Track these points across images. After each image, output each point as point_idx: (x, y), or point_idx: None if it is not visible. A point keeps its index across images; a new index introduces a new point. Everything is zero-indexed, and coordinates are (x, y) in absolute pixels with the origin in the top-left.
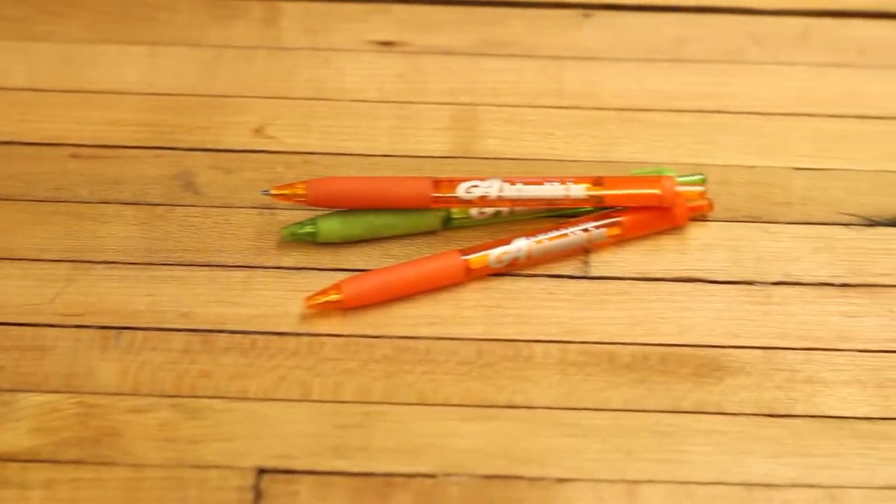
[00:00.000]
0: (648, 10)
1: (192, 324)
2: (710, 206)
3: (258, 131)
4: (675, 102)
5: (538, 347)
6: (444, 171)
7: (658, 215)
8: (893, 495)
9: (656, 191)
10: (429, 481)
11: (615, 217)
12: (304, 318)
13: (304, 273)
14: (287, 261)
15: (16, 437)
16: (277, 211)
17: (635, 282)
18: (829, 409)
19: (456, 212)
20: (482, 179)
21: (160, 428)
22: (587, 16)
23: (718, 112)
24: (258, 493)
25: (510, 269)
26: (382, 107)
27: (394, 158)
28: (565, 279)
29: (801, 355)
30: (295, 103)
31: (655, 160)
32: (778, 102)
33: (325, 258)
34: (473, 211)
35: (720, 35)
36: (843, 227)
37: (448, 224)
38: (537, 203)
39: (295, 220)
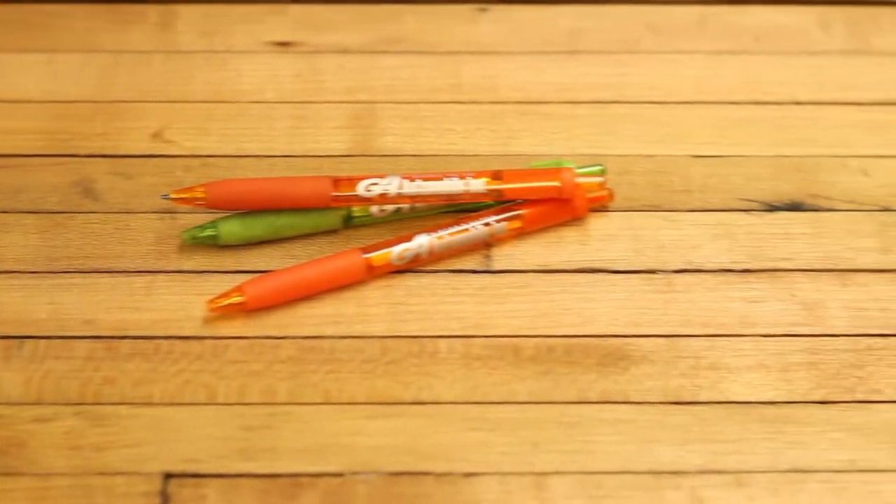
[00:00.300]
0: (544, 2)
1: (95, 331)
2: (611, 196)
3: (157, 136)
4: (573, 94)
5: (442, 343)
6: (344, 169)
7: (558, 207)
8: (799, 478)
9: (556, 183)
10: (336, 480)
11: (516, 210)
12: (208, 321)
13: (206, 276)
14: (189, 264)
15: None
16: (178, 215)
17: (538, 274)
18: (734, 394)
19: (356, 210)
20: (381, 177)
21: (66, 436)
22: (483, 10)
23: (616, 102)
24: (165, 497)
25: (412, 266)
26: (280, 107)
27: (293, 159)
28: (468, 274)
29: (705, 342)
30: (193, 106)
31: (555, 152)
32: (675, 91)
33: (227, 261)
34: (374, 209)
35: (616, 25)
36: (742, 213)
37: (349, 223)
38: (437, 199)
39: (196, 223)
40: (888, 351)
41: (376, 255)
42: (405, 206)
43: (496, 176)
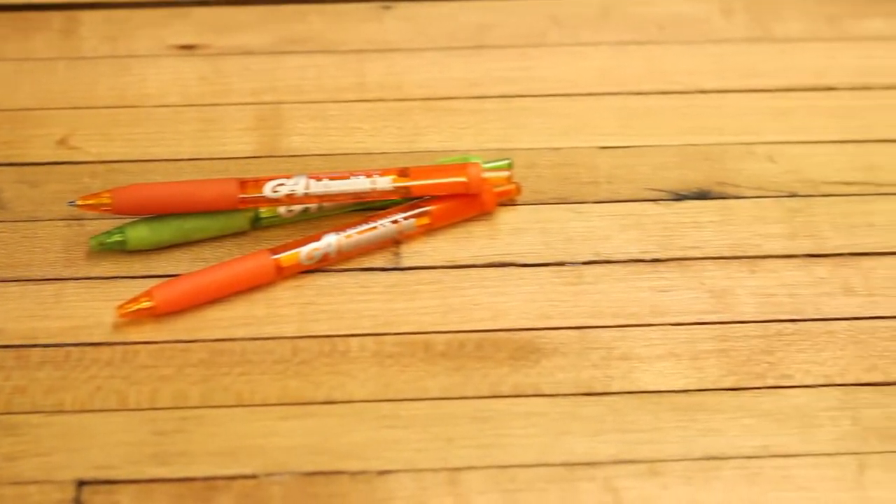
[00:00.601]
0: None
1: (4, 340)
2: (518, 190)
3: (62, 143)
4: (479, 89)
5: (354, 342)
6: (252, 171)
7: (466, 202)
8: (712, 465)
9: (462, 178)
10: (251, 482)
11: (424, 207)
12: (117, 327)
13: (115, 282)
14: (97, 271)
15: None
16: (86, 221)
17: (447, 270)
18: (646, 384)
19: (264, 211)
20: (288, 177)
21: None
22: (387, 8)
23: (522, 96)
24: None
25: (322, 266)
26: (186, 111)
27: (200, 162)
28: (377, 272)
29: (616, 332)
30: (98, 112)
31: (462, 147)
32: (581, 83)
33: (136, 266)
34: (281, 209)
35: (521, 20)
36: (650, 202)
37: (257, 224)
38: (345, 198)
39: (103, 229)
40: (798, 336)
41: (285, 256)
42: (313, 205)
43: (403, 173)
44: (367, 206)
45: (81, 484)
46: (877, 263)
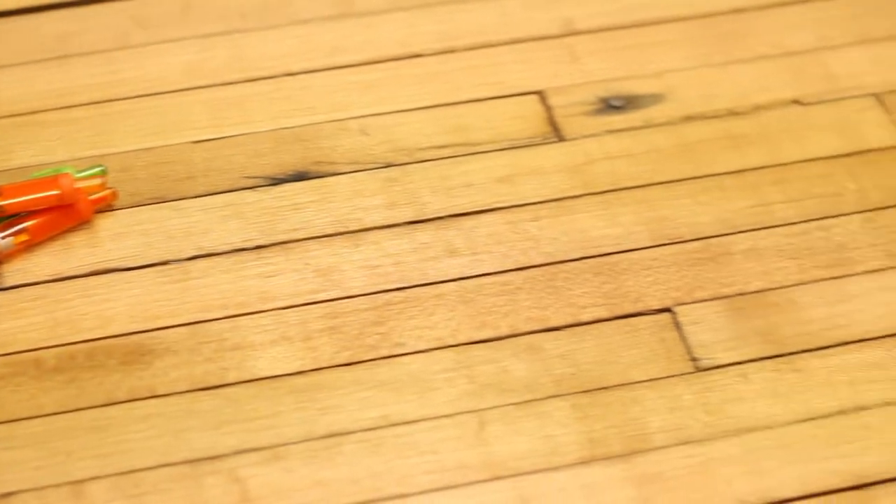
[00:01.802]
0: (25, 12)
1: None
2: (114, 195)
3: None
4: (68, 99)
5: None
6: None
7: (62, 214)
8: (335, 442)
9: (55, 191)
10: None
11: (20, 224)
12: None
13: None
14: None
15: None
16: None
17: (51, 284)
18: (261, 370)
19: None
20: None
21: None
22: None
23: (112, 101)
24: None
25: None
26: None
27: None
28: None
29: (226, 324)
30: None
31: (55, 160)
32: (168, 80)
33: None
34: None
35: (102, 24)
36: (248, 190)
37: None
38: None
39: None
40: (407, 304)
41: None
42: None
43: None
44: None
45: None
46: (477, 222)
